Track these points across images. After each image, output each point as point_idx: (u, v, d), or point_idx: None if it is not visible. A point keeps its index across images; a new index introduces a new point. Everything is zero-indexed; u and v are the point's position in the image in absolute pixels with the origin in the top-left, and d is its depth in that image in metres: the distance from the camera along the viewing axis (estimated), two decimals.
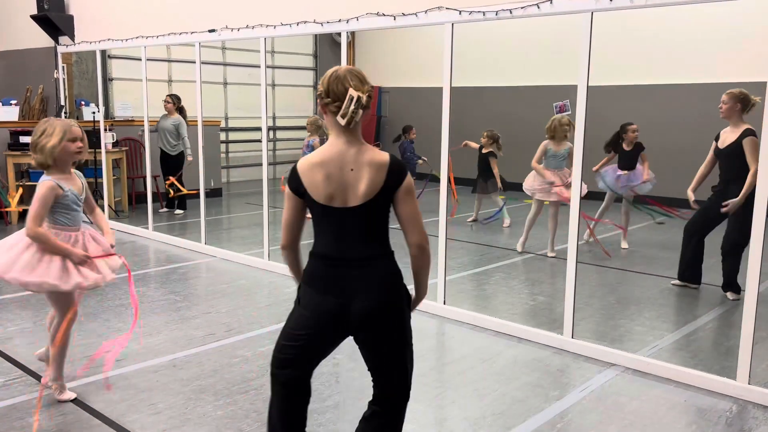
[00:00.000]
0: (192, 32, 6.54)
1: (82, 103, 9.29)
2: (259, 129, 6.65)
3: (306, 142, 8.23)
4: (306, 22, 5.48)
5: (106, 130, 8.20)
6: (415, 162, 9.06)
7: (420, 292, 2.46)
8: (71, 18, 8.17)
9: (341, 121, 2.21)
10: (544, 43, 10.25)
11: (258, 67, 6.11)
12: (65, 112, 8.48)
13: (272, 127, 12.54)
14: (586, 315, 4.82)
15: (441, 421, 3.30)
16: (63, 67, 8.61)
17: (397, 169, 2.27)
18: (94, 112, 8.37)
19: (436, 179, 5.60)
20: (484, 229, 8.00)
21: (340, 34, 5.37)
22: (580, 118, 4.01)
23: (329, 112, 2.26)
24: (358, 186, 2.23)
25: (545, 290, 5.50)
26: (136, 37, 7.15)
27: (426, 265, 2.39)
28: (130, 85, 9.98)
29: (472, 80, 10.70)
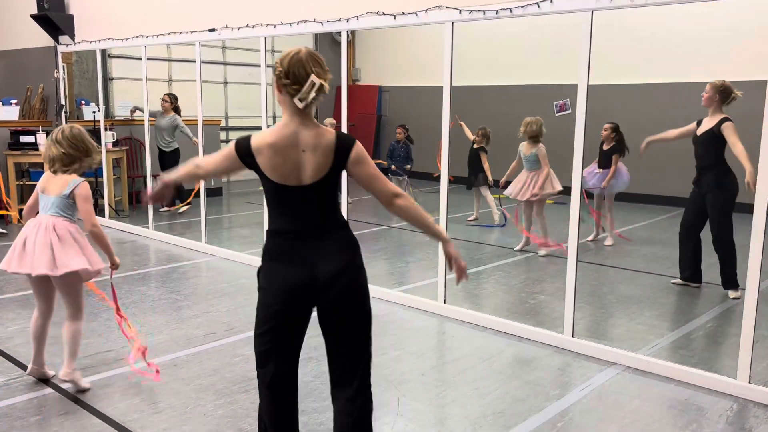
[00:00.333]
0: (192, 31, 6.54)
1: (83, 102, 9.29)
2: (259, 128, 6.65)
3: None
4: (306, 21, 5.48)
5: (106, 129, 8.21)
6: (403, 168, 8.90)
7: (442, 237, 2.50)
8: (71, 17, 8.17)
9: (299, 104, 2.27)
10: (544, 42, 10.23)
11: (258, 66, 6.11)
12: (65, 112, 8.49)
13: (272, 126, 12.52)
14: (587, 314, 4.82)
15: (441, 420, 3.30)
16: (63, 66, 8.61)
17: (343, 146, 2.35)
18: (95, 112, 8.37)
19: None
20: (485, 229, 8.00)
21: (340, 33, 5.37)
22: (580, 117, 4.01)
23: (286, 93, 2.30)
24: (310, 166, 2.32)
25: (545, 289, 5.50)
26: (137, 37, 7.15)
27: (418, 207, 2.45)
28: (131, 84, 9.96)
29: (473, 79, 10.68)
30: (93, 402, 3.39)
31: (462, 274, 2.44)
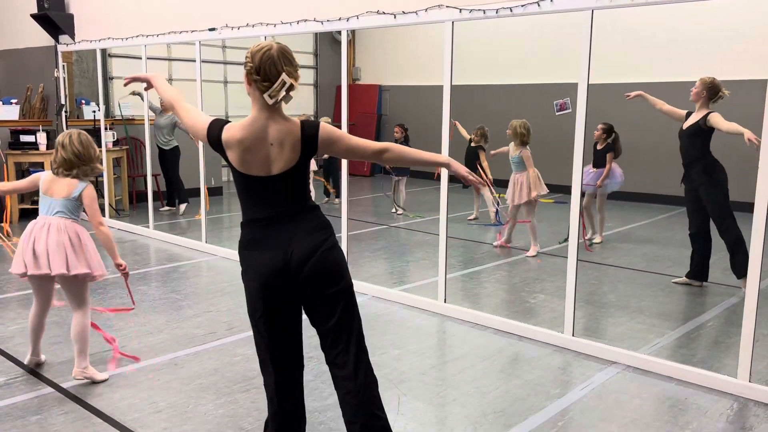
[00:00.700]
0: (192, 31, 6.54)
1: (83, 102, 9.29)
2: None
3: None
4: (306, 21, 5.48)
5: (106, 128, 8.21)
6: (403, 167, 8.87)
7: (443, 162, 2.61)
8: (71, 17, 8.17)
9: (268, 100, 2.32)
10: (545, 42, 10.23)
11: None
12: (66, 111, 8.49)
13: None
14: (587, 313, 4.82)
15: (442, 420, 3.30)
16: (63, 66, 8.61)
17: (308, 135, 2.40)
18: (95, 111, 8.37)
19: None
20: (485, 228, 8.00)
21: (340, 33, 5.36)
22: (581, 116, 4.01)
23: (255, 88, 2.34)
24: (279, 159, 2.38)
25: (546, 288, 5.50)
26: (137, 36, 7.15)
27: (406, 150, 2.60)
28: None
29: (473, 78, 10.68)
30: (93, 401, 3.39)
31: (477, 181, 2.60)
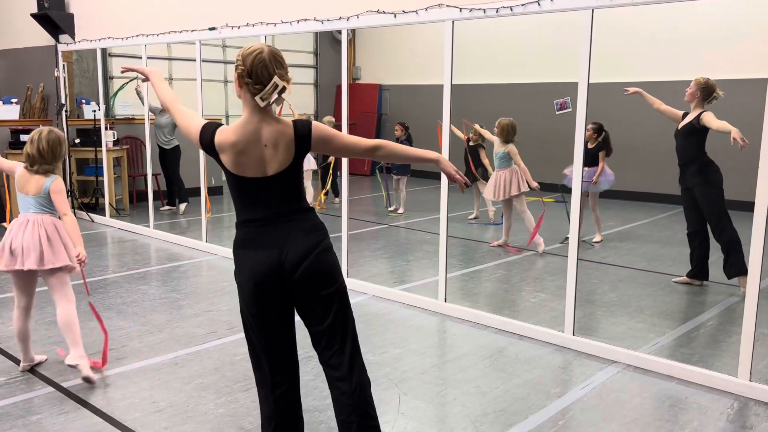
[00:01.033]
0: (192, 30, 6.54)
1: (83, 101, 9.29)
2: None
3: None
4: (306, 20, 5.47)
5: (106, 128, 8.21)
6: (404, 167, 8.76)
7: (433, 158, 2.61)
8: (71, 16, 8.17)
9: (260, 103, 2.33)
10: (545, 41, 10.23)
11: None
12: (66, 111, 8.49)
13: None
14: (588, 312, 4.82)
15: (442, 419, 3.30)
16: (63, 65, 8.61)
17: (301, 135, 2.41)
18: (95, 111, 8.37)
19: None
20: (485, 227, 8.00)
21: (340, 32, 5.36)
22: (581, 115, 4.01)
23: (247, 91, 2.35)
24: (273, 160, 2.38)
25: (546, 287, 5.50)
26: (137, 35, 7.14)
27: (398, 148, 2.61)
28: (131, 83, 9.97)
29: (473, 78, 10.68)
30: (94, 400, 3.39)
31: (464, 180, 2.61)
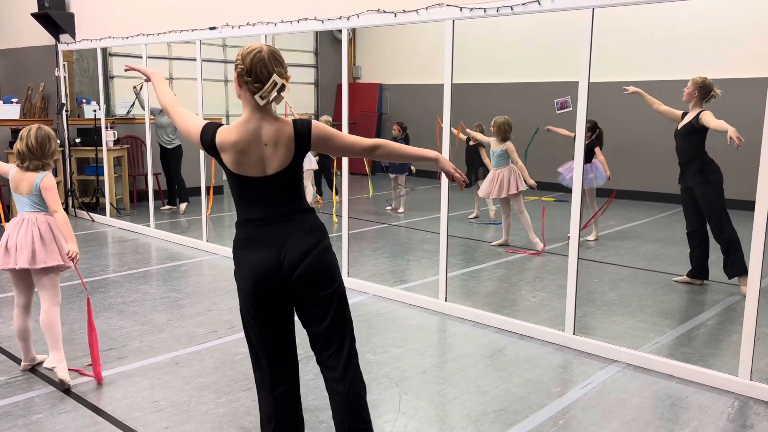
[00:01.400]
0: (192, 30, 6.54)
1: (83, 101, 9.30)
2: None
3: None
4: (307, 20, 5.47)
5: (107, 128, 8.21)
6: (404, 167, 8.83)
7: (431, 157, 2.62)
8: (72, 16, 8.17)
9: (260, 101, 2.34)
10: (545, 40, 10.22)
11: None
12: (66, 110, 8.49)
13: None
14: (588, 311, 4.82)
15: (443, 418, 3.30)
16: (64, 65, 8.61)
17: (301, 134, 2.41)
18: (95, 110, 8.38)
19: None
20: (485, 227, 8.00)
21: (340, 31, 5.36)
22: (581, 114, 4.01)
23: (247, 90, 2.36)
24: (274, 158, 2.39)
25: (546, 286, 5.50)
26: (137, 35, 7.15)
27: (397, 147, 2.61)
28: (131, 83, 9.97)
29: (473, 77, 10.68)
30: (95, 400, 3.40)
31: (462, 179, 2.61)
